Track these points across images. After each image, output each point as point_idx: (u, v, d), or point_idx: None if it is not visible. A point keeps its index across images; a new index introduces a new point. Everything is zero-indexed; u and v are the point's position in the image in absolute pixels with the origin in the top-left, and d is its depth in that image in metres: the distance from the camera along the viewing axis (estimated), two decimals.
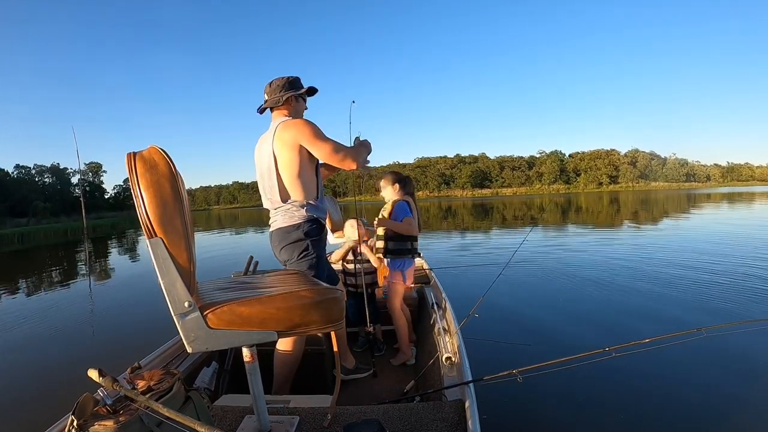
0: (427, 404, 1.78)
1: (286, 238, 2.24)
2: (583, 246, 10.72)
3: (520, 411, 2.89)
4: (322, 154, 2.19)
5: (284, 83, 2.33)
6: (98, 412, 1.18)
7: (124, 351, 4.49)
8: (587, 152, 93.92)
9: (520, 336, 4.22)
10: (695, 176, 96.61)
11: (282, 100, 2.32)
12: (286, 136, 2.17)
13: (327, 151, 2.18)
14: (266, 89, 2.37)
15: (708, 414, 2.84)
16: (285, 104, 2.34)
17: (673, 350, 3.08)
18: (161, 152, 1.19)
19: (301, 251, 2.23)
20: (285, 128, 2.19)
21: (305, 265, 2.22)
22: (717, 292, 5.76)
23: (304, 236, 2.22)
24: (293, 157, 2.18)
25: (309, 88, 2.44)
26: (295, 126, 2.19)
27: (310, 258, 2.24)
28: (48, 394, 3.61)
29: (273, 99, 2.33)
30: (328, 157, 2.20)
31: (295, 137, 2.16)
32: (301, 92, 2.38)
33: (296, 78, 2.39)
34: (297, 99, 2.38)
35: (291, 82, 2.35)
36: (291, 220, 2.23)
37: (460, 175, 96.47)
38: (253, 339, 1.31)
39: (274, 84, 2.35)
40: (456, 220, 24.27)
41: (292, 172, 2.19)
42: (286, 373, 2.25)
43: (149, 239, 1.15)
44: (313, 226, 2.26)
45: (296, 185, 2.21)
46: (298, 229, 2.22)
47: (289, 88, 2.33)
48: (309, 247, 2.23)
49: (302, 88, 2.39)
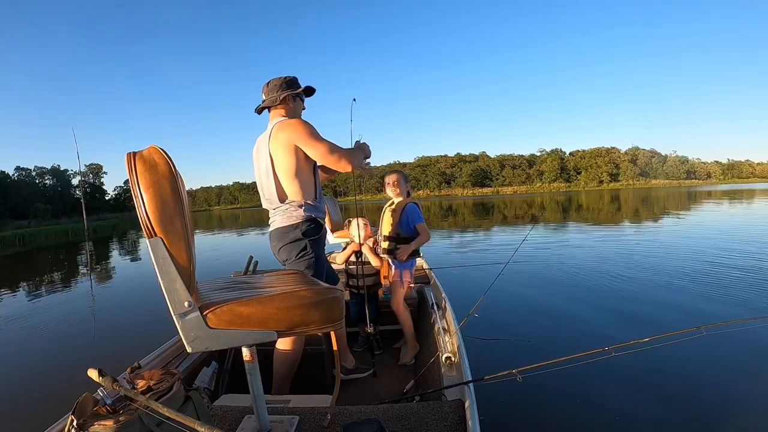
0: (427, 404, 1.77)
1: (285, 237, 2.24)
2: (583, 245, 10.71)
3: (520, 411, 2.89)
4: (317, 154, 2.18)
5: (281, 83, 2.34)
6: (98, 411, 1.18)
7: (124, 351, 4.49)
8: (588, 150, 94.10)
9: (520, 335, 4.21)
10: (696, 173, 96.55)
11: (279, 99, 2.32)
12: (281, 136, 2.17)
13: (322, 151, 2.17)
14: (264, 89, 2.37)
15: (709, 412, 2.84)
16: (282, 104, 2.34)
17: (674, 349, 3.09)
18: (161, 152, 1.19)
19: (299, 251, 2.23)
20: (280, 129, 2.19)
21: (303, 265, 2.23)
22: (717, 289, 5.75)
23: (302, 236, 2.22)
24: (290, 158, 2.17)
25: (306, 88, 2.44)
26: (290, 126, 2.18)
27: (308, 258, 2.24)
28: (48, 393, 3.61)
29: (270, 98, 2.33)
30: (323, 158, 2.19)
31: (290, 138, 2.16)
32: (298, 92, 2.38)
33: (294, 78, 2.39)
34: (294, 98, 2.38)
35: (288, 82, 2.35)
36: (289, 220, 2.23)
37: (460, 174, 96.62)
38: (252, 339, 1.31)
39: (271, 84, 2.35)
40: (456, 219, 24.23)
41: (289, 173, 2.20)
42: (285, 372, 2.25)
43: (149, 239, 1.15)
44: (312, 226, 2.26)
45: (293, 186, 2.21)
46: (296, 229, 2.22)
47: (286, 87, 2.34)
48: (307, 246, 2.24)
49: (299, 88, 2.40)
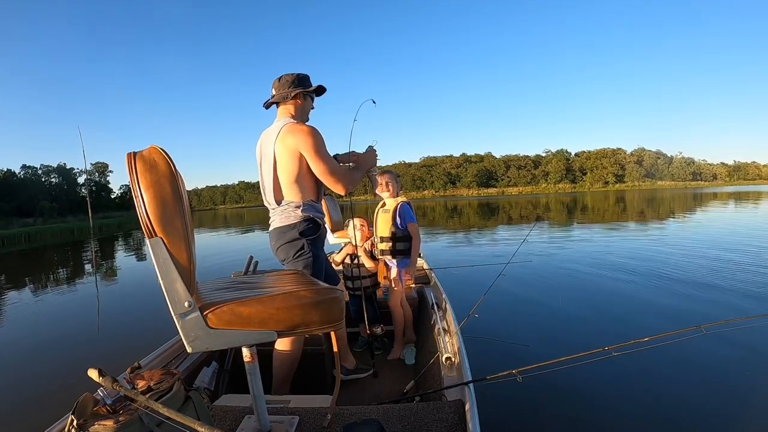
0: (427, 404, 1.77)
1: (282, 237, 2.25)
2: (583, 245, 10.70)
3: (520, 411, 2.89)
4: (317, 171, 2.19)
5: (294, 79, 2.32)
6: (98, 412, 1.18)
7: (124, 351, 4.49)
8: (593, 151, 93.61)
9: (520, 336, 4.21)
10: (701, 175, 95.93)
11: (290, 95, 2.30)
12: (289, 141, 2.16)
13: (322, 170, 2.18)
14: (274, 84, 2.35)
15: (710, 411, 2.83)
16: (292, 100, 2.32)
17: (674, 348, 3.09)
18: (161, 152, 1.19)
19: (297, 250, 2.23)
20: (289, 132, 2.17)
21: (301, 264, 2.23)
22: (717, 288, 5.76)
23: (300, 235, 2.22)
24: (293, 163, 2.17)
25: (317, 87, 2.41)
26: (300, 134, 2.16)
27: (305, 257, 2.24)
28: (48, 393, 3.62)
29: (281, 94, 2.32)
30: (322, 177, 2.20)
31: (297, 145, 2.15)
32: (309, 90, 2.36)
33: (306, 75, 2.37)
34: (305, 97, 2.36)
35: (301, 79, 2.33)
36: (287, 220, 2.23)
37: (465, 174, 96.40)
38: (253, 339, 1.31)
39: (283, 79, 2.32)
40: (461, 219, 24.21)
41: (291, 177, 2.20)
42: (284, 372, 2.25)
43: (149, 239, 1.15)
44: (309, 226, 2.25)
45: (293, 188, 2.22)
46: (294, 229, 2.22)
47: (298, 84, 2.32)
48: (305, 246, 2.23)
49: (311, 86, 2.38)
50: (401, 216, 3.15)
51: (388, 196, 3.24)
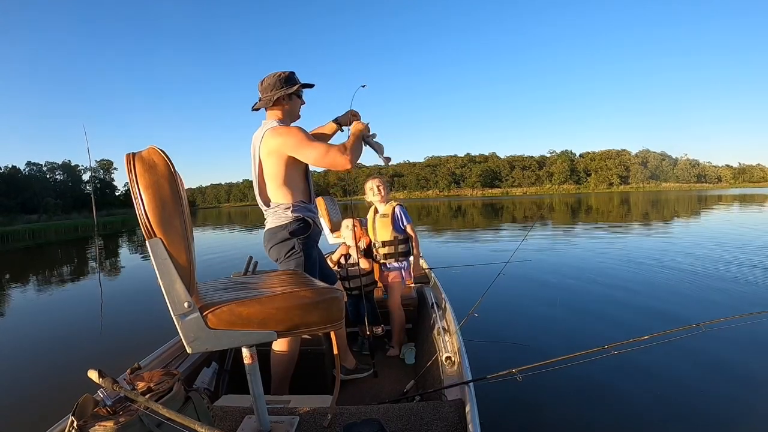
0: (427, 404, 1.77)
1: (274, 238, 2.25)
2: (583, 244, 10.70)
3: (520, 410, 2.88)
4: (311, 160, 2.11)
5: (275, 81, 2.23)
6: (98, 412, 1.19)
7: (124, 351, 4.48)
8: (598, 152, 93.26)
9: (519, 335, 4.20)
10: (706, 177, 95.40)
11: (272, 100, 2.23)
12: (272, 144, 2.13)
13: (315, 156, 2.08)
14: (259, 87, 2.29)
15: (710, 409, 2.83)
16: (277, 105, 2.27)
17: (673, 346, 3.09)
18: (160, 153, 1.19)
19: (288, 250, 2.23)
20: (271, 137, 2.14)
21: (293, 264, 2.22)
22: (716, 287, 5.76)
23: (290, 235, 2.22)
24: (279, 166, 2.16)
25: (302, 85, 2.31)
26: (281, 135, 2.12)
27: (296, 256, 2.23)
28: (48, 394, 3.62)
29: (265, 99, 2.26)
30: (318, 162, 2.10)
31: (281, 147, 2.12)
32: (291, 91, 2.26)
33: (290, 74, 2.27)
34: (290, 98, 2.28)
35: (282, 80, 2.24)
36: (278, 221, 2.23)
37: (470, 175, 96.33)
38: (252, 339, 1.32)
39: (265, 82, 2.25)
40: (465, 219, 24.18)
41: (278, 180, 2.19)
42: (282, 372, 2.24)
43: (148, 240, 1.15)
44: (300, 225, 2.24)
45: (282, 190, 2.21)
46: (284, 229, 2.22)
47: (280, 86, 2.23)
48: (295, 245, 2.23)
49: (296, 85, 2.27)
50: (401, 218, 3.16)
51: (380, 200, 3.25)
